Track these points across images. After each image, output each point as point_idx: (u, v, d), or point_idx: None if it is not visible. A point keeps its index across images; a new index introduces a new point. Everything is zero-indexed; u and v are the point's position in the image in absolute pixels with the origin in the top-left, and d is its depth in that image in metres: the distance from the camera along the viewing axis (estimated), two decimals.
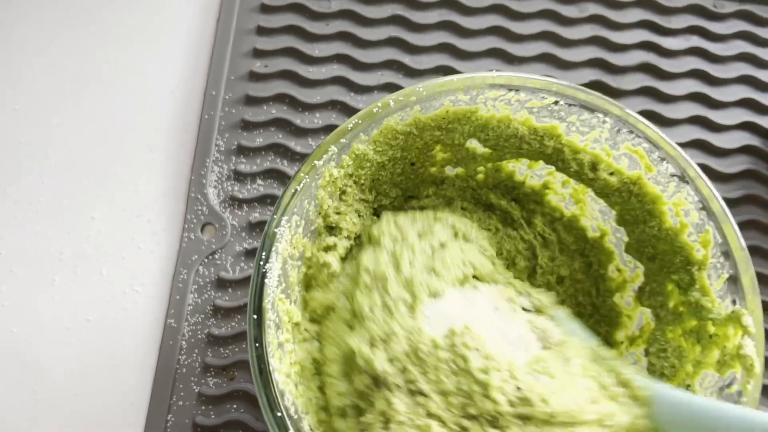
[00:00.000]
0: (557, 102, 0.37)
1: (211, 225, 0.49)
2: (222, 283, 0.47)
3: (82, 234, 0.49)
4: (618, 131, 0.37)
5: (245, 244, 0.48)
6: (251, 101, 0.52)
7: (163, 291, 0.47)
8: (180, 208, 0.49)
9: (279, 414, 0.30)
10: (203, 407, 0.45)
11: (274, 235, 0.32)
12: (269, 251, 0.32)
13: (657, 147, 0.37)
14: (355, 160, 0.36)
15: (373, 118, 0.34)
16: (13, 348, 0.46)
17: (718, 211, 0.36)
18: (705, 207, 0.36)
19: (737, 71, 0.54)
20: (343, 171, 0.36)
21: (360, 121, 0.34)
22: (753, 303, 0.34)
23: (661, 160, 0.37)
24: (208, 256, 0.48)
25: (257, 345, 0.31)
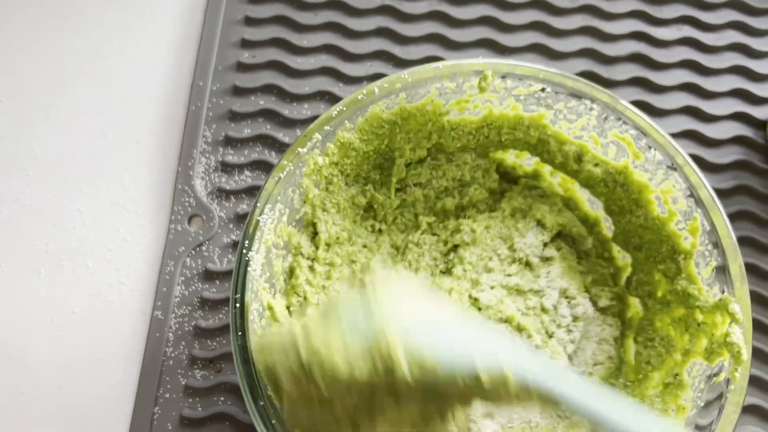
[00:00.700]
0: (544, 89, 0.37)
1: (199, 216, 0.48)
2: (209, 275, 0.47)
3: (67, 227, 0.48)
4: (606, 118, 0.37)
5: (233, 235, 0.48)
6: (239, 92, 0.51)
7: (150, 283, 0.47)
8: (167, 199, 0.49)
9: (261, 403, 0.30)
10: (190, 400, 0.44)
11: (257, 224, 0.32)
12: (252, 239, 0.31)
13: (645, 134, 0.36)
14: (341, 148, 0.36)
15: (358, 105, 0.34)
16: (1, 340, 0.46)
17: (706, 199, 0.36)
18: (693, 194, 0.36)
19: (729, 61, 0.53)
20: (329, 159, 0.35)
21: (344, 109, 0.34)
22: (741, 291, 0.34)
23: (649, 147, 0.37)
24: (195, 247, 0.48)
25: (240, 334, 0.30)
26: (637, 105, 0.51)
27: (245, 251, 0.31)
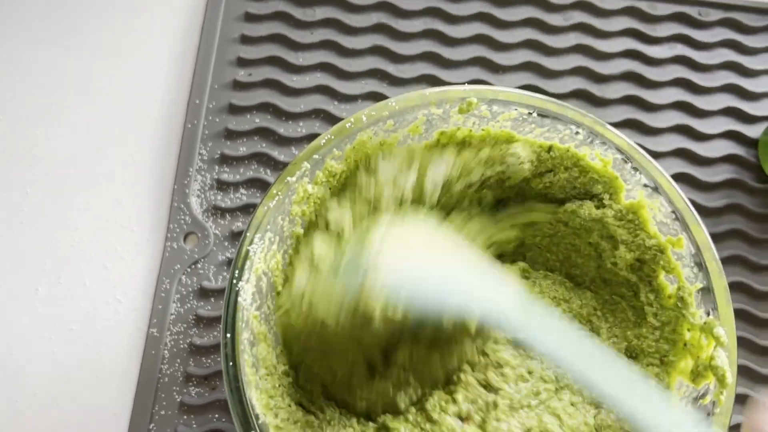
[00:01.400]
0: (530, 113, 0.37)
1: (194, 234, 0.49)
2: (204, 293, 0.48)
3: (65, 244, 0.49)
4: (591, 142, 0.38)
5: (228, 253, 0.48)
6: (235, 110, 0.52)
7: (146, 301, 0.48)
8: (163, 217, 0.49)
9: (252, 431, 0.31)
10: (185, 417, 0.45)
11: (247, 253, 0.32)
12: (242, 269, 0.32)
13: (630, 158, 0.37)
14: (329, 177, 0.36)
15: (346, 133, 0.34)
16: None
17: (690, 221, 0.36)
18: (678, 217, 0.37)
19: (722, 80, 0.54)
20: (318, 188, 0.36)
21: (332, 137, 0.34)
22: (725, 313, 0.35)
23: (635, 170, 0.37)
24: (190, 265, 0.48)
25: (231, 365, 0.31)
26: (630, 124, 0.52)
27: (235, 281, 0.31)
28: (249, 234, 0.32)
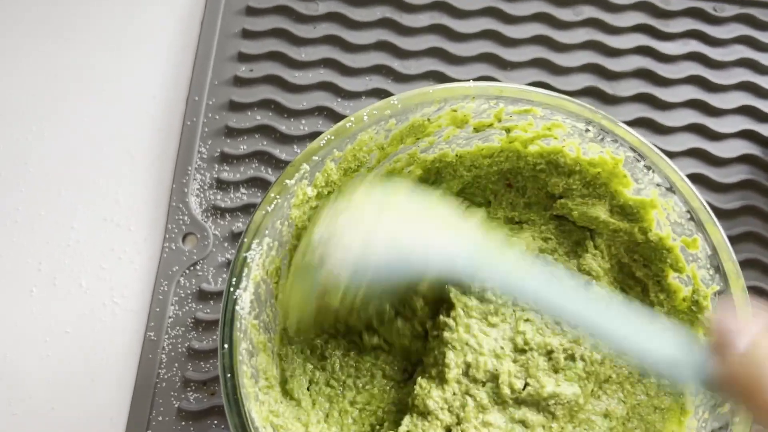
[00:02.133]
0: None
1: (193, 235, 0.48)
2: (203, 295, 0.46)
3: (60, 244, 0.47)
4: (602, 140, 0.36)
5: (228, 254, 0.47)
6: (235, 107, 0.50)
7: (143, 303, 0.46)
8: (161, 217, 0.48)
9: None
10: (183, 423, 0.44)
11: (244, 260, 0.31)
12: (240, 277, 0.30)
13: (642, 156, 0.35)
14: (327, 182, 0.35)
15: (346, 134, 0.33)
16: None
17: (706, 221, 0.35)
18: (693, 217, 0.35)
19: (737, 77, 0.52)
20: (317, 190, 0.34)
21: (332, 138, 0.33)
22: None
23: (647, 169, 0.36)
24: (189, 267, 0.47)
25: (229, 376, 0.29)
26: (642, 122, 0.51)
27: (232, 289, 0.30)
28: (246, 240, 0.31)
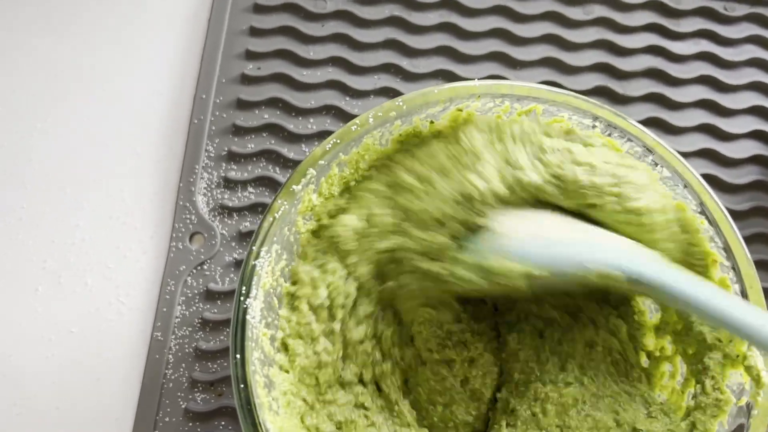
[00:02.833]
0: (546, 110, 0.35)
1: (200, 234, 0.47)
2: (211, 295, 0.46)
3: (66, 242, 0.47)
4: (609, 135, 0.36)
5: (235, 254, 0.47)
6: (243, 105, 0.50)
7: (150, 302, 0.46)
8: (168, 216, 0.48)
9: None
10: (190, 424, 0.43)
11: (253, 268, 0.30)
12: (249, 285, 0.30)
13: (651, 150, 0.35)
14: (331, 188, 0.34)
15: (352, 136, 0.32)
16: None
17: (719, 217, 0.34)
18: (705, 213, 0.35)
19: (748, 77, 0.52)
20: (323, 197, 0.34)
21: (338, 141, 0.32)
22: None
23: (655, 164, 0.36)
24: (196, 266, 0.46)
25: (242, 386, 0.29)
26: (653, 122, 0.50)
27: (242, 298, 0.29)
28: (255, 248, 0.30)
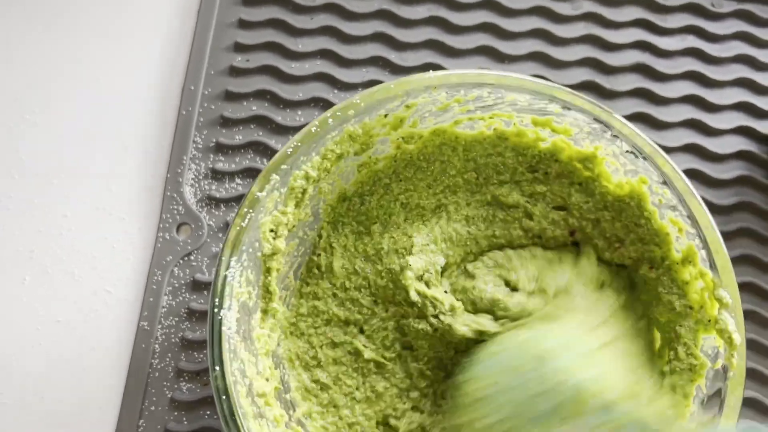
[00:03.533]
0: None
1: (187, 225, 0.47)
2: (197, 286, 0.46)
3: (53, 233, 0.47)
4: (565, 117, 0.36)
5: (222, 245, 0.47)
6: (231, 97, 0.50)
7: (137, 292, 0.46)
8: (155, 207, 0.48)
9: None
10: (176, 413, 0.44)
11: (224, 279, 0.30)
12: (222, 297, 0.30)
13: (608, 127, 0.35)
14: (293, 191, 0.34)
15: (313, 138, 0.33)
16: None
17: (683, 190, 0.35)
18: (668, 183, 0.35)
19: (734, 73, 0.52)
20: (293, 202, 0.34)
21: (299, 144, 0.32)
22: (728, 278, 0.34)
23: (615, 138, 0.36)
24: (183, 257, 0.46)
25: (224, 398, 0.29)
26: (639, 117, 0.50)
27: (216, 310, 0.30)
28: (224, 258, 0.30)
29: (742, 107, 0.51)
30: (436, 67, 0.51)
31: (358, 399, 0.37)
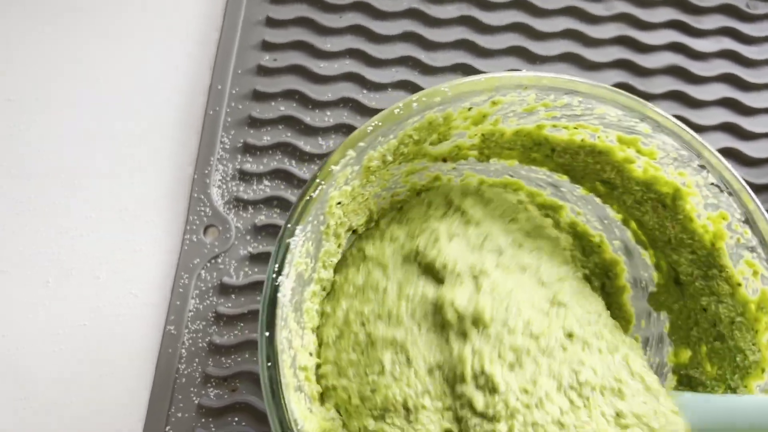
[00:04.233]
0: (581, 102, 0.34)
1: (215, 227, 0.46)
2: (225, 289, 0.45)
3: (77, 234, 0.46)
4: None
5: (250, 247, 0.46)
6: (259, 97, 0.49)
7: (163, 296, 0.45)
8: (182, 208, 0.47)
9: None
10: (203, 419, 0.43)
11: (287, 246, 0.29)
12: (282, 263, 0.29)
13: (698, 155, 0.34)
14: (365, 172, 0.34)
15: (395, 119, 0.32)
16: (3, 353, 0.44)
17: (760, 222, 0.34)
18: (748, 220, 0.34)
19: None
20: (357, 183, 0.33)
21: (380, 123, 0.32)
22: None
23: (702, 168, 0.35)
24: (210, 260, 0.45)
25: (269, 365, 0.28)
26: None
27: (274, 276, 0.29)
28: (290, 225, 0.30)
29: None
30: (466, 68, 0.50)
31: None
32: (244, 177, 0.47)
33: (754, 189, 0.49)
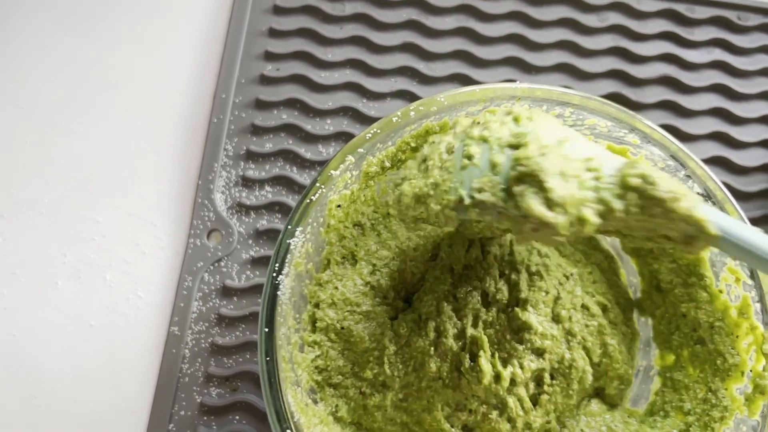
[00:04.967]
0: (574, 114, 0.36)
1: (218, 231, 0.48)
2: (227, 292, 0.46)
3: (85, 237, 0.48)
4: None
5: (252, 251, 0.47)
6: (262, 105, 0.50)
7: (167, 298, 0.47)
8: (186, 213, 0.48)
9: (288, 430, 0.30)
10: (205, 418, 0.44)
11: (287, 246, 0.31)
12: (282, 262, 0.31)
13: (684, 165, 0.36)
14: (364, 177, 0.35)
15: (393, 127, 0.33)
16: (14, 352, 0.45)
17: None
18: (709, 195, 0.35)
19: (761, 86, 0.52)
20: (356, 186, 0.35)
21: (379, 131, 0.33)
22: None
23: (688, 177, 0.36)
24: (213, 263, 0.47)
25: (268, 359, 0.30)
26: (666, 129, 0.50)
27: (275, 274, 0.30)
28: (290, 226, 0.31)
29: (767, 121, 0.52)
30: (464, 78, 0.52)
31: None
32: (246, 183, 0.49)
33: (743, 197, 0.50)
